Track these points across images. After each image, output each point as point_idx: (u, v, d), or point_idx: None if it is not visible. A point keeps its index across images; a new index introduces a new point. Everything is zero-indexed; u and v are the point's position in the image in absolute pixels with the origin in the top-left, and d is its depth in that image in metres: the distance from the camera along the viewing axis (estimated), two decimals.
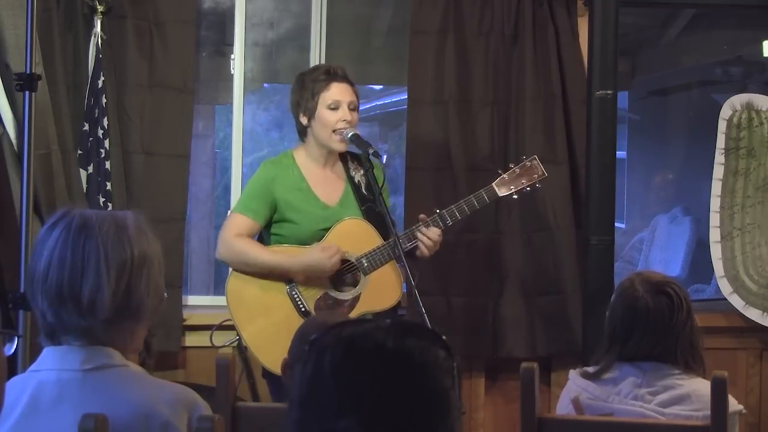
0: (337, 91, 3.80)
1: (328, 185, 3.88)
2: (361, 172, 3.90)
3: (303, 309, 3.75)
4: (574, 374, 2.95)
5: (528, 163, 3.93)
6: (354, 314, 3.76)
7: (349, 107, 3.80)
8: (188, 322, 4.50)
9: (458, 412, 1.42)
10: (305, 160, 3.88)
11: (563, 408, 2.91)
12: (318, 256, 3.72)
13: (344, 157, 3.93)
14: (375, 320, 1.44)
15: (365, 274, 3.78)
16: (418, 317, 3.49)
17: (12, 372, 2.46)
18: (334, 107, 3.78)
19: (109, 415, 1.99)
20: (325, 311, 3.69)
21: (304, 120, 3.83)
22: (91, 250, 2.06)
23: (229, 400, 2.66)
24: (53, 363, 2.09)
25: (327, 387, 1.37)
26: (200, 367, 4.47)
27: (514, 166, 3.92)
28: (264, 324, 3.77)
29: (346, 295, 3.79)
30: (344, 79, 3.84)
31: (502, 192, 3.89)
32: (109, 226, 2.08)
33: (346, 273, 3.81)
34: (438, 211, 3.82)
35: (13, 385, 2.06)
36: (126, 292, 2.08)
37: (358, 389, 1.36)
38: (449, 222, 3.82)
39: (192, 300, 4.79)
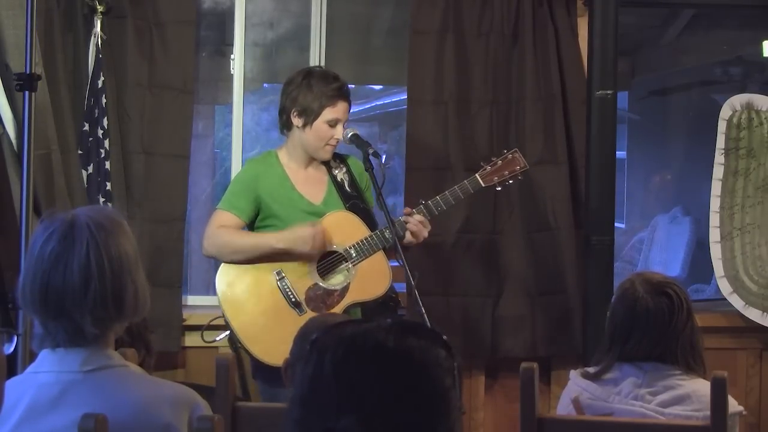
0: (341, 110, 3.84)
1: (311, 184, 3.91)
2: (344, 170, 3.95)
3: (293, 300, 3.77)
4: (574, 374, 2.95)
5: (510, 156, 3.97)
6: (344, 303, 3.79)
7: (343, 126, 3.85)
8: (188, 322, 4.50)
9: (458, 411, 1.42)
10: (288, 161, 3.91)
11: (564, 408, 2.91)
12: (304, 229, 3.74)
13: None
14: (376, 320, 1.44)
15: (354, 264, 3.80)
16: (418, 317, 3.49)
17: (12, 371, 2.46)
18: (333, 125, 3.82)
19: (111, 416, 1.99)
20: (326, 313, 3.69)
21: (297, 122, 3.84)
22: (76, 254, 2.06)
23: (229, 400, 2.66)
24: (52, 365, 2.09)
25: (328, 386, 1.37)
26: (200, 367, 4.47)
27: (497, 159, 3.96)
28: (254, 315, 3.79)
29: (336, 285, 3.81)
30: (348, 97, 3.89)
31: (485, 183, 3.92)
32: (92, 228, 2.08)
33: (334, 263, 3.82)
34: (423, 201, 3.85)
35: (12, 386, 2.06)
36: (112, 290, 2.08)
37: (359, 388, 1.36)
38: (435, 212, 3.85)
39: (192, 300, 4.79)
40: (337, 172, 3.94)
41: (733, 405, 2.71)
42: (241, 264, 3.81)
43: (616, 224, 4.63)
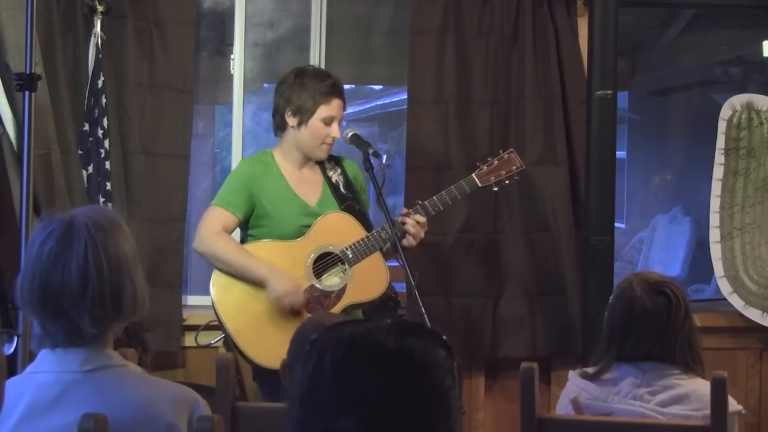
0: (336, 107, 3.83)
1: (306, 185, 3.90)
2: (339, 171, 3.94)
3: None
4: (573, 375, 2.95)
5: (506, 156, 3.98)
6: (341, 305, 3.78)
7: (339, 124, 3.86)
8: (188, 322, 4.50)
9: (458, 412, 1.42)
10: (283, 161, 3.90)
11: (563, 408, 2.91)
12: (285, 289, 3.70)
13: None
14: (375, 320, 1.44)
15: (350, 265, 3.79)
16: (418, 317, 3.49)
17: (12, 371, 2.46)
18: (329, 122, 3.81)
19: (111, 416, 1.99)
20: (323, 313, 3.69)
21: (292, 121, 3.83)
22: (74, 254, 2.06)
23: (229, 400, 2.66)
24: (52, 365, 2.09)
25: (327, 386, 1.37)
26: (200, 367, 4.47)
27: (492, 159, 3.97)
28: (250, 317, 3.76)
29: (332, 286, 3.80)
30: (342, 94, 3.88)
31: (482, 182, 3.93)
32: (90, 228, 2.08)
33: (331, 265, 3.82)
34: (420, 202, 3.85)
35: (11, 386, 2.05)
36: (110, 290, 2.08)
37: (359, 388, 1.36)
38: (432, 212, 3.85)
39: (192, 300, 4.79)
40: (331, 173, 3.94)
41: (733, 404, 2.71)
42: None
43: (616, 224, 4.63)
